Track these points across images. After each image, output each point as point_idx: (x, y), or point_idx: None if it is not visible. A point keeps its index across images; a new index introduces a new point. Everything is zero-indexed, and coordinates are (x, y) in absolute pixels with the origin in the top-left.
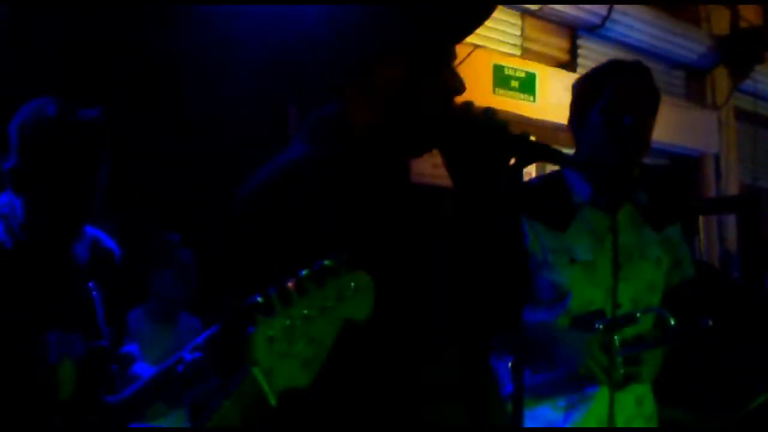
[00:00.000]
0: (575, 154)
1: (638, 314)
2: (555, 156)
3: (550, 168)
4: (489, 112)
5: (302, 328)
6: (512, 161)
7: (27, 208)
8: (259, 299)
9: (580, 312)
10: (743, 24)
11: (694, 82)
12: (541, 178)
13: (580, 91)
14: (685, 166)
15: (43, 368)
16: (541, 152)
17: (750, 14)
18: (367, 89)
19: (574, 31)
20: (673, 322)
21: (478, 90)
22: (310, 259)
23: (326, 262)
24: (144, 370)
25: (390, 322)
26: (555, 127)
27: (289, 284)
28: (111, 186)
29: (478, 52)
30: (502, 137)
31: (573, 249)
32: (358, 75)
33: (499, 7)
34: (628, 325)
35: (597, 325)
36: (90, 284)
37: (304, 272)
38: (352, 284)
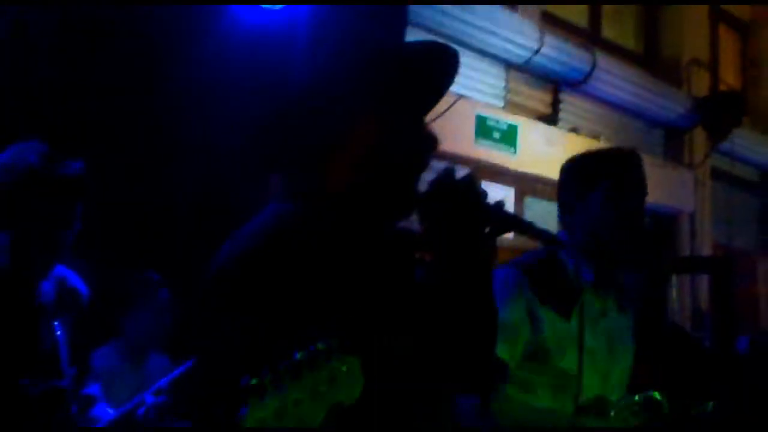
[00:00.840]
0: (570, 235)
1: (636, 398)
2: (531, 230)
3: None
4: (468, 180)
5: (293, 412)
6: (487, 230)
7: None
8: (253, 382)
9: (583, 399)
10: (722, 87)
11: (673, 142)
12: (535, 259)
13: (577, 173)
14: (662, 223)
15: None
16: (517, 225)
17: (729, 77)
18: (343, 151)
19: (557, 85)
20: (666, 407)
21: (461, 139)
22: (299, 332)
23: (319, 346)
24: (104, 412)
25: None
26: (535, 179)
27: (282, 368)
28: (86, 224)
29: (461, 101)
30: (480, 206)
31: (580, 336)
32: (333, 137)
33: (484, 59)
34: (630, 410)
35: (607, 410)
36: (55, 323)
37: (298, 355)
38: (344, 368)
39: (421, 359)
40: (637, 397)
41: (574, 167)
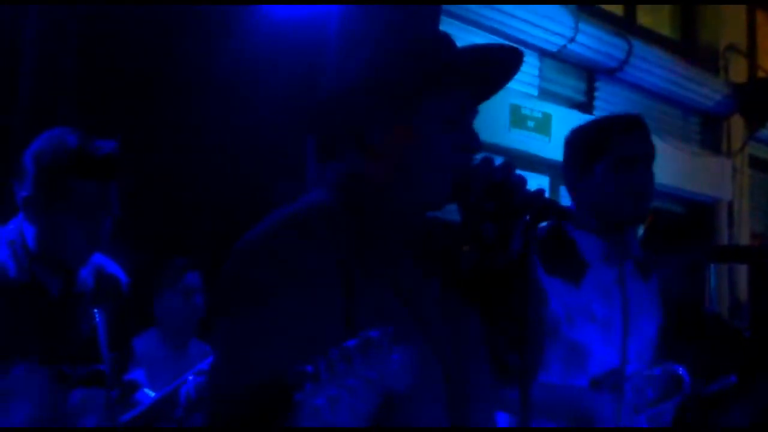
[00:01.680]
0: (576, 207)
1: (656, 372)
2: (568, 215)
3: None
4: (506, 168)
5: (347, 399)
6: (528, 217)
7: (40, 237)
8: (308, 368)
9: (598, 372)
10: (761, 74)
11: (710, 129)
12: (543, 232)
13: (581, 145)
14: (699, 212)
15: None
16: (555, 210)
17: (767, 64)
18: (386, 142)
19: (591, 73)
20: (687, 381)
21: (495, 128)
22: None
23: (372, 334)
24: (147, 397)
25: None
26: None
27: (335, 354)
28: (122, 212)
29: None
30: (518, 194)
31: (590, 306)
32: (377, 127)
33: (519, 46)
34: (645, 384)
35: (620, 383)
36: (94, 311)
37: (352, 343)
38: (395, 356)
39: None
40: (658, 371)
41: (577, 138)
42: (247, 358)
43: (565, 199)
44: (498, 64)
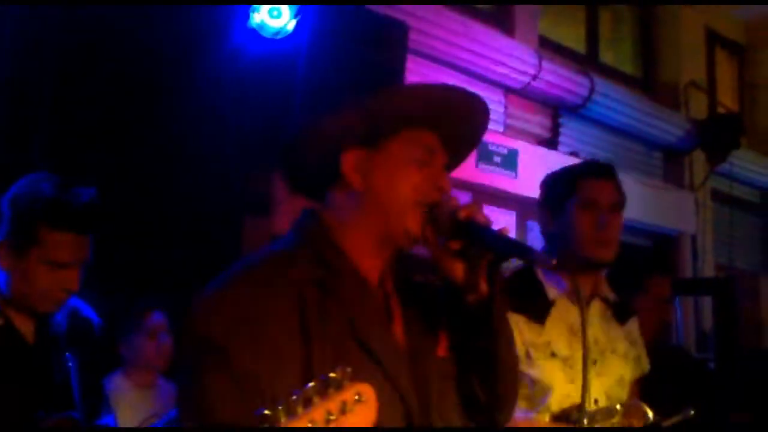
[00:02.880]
0: (547, 246)
1: (618, 407)
2: (532, 255)
3: None
4: (471, 208)
5: None
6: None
7: (12, 283)
8: (266, 412)
9: (559, 408)
10: (720, 109)
11: (672, 164)
12: (510, 272)
13: (553, 187)
14: (663, 245)
15: None
16: (519, 250)
17: (727, 100)
18: (355, 179)
19: (556, 109)
20: (650, 415)
21: (462, 164)
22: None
23: (331, 375)
24: None
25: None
26: (536, 203)
27: (295, 397)
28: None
29: None
30: (483, 234)
31: (552, 343)
32: (347, 165)
33: (483, 84)
34: (607, 418)
35: (581, 419)
36: (67, 354)
37: (310, 385)
38: (356, 397)
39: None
40: (619, 406)
41: (550, 181)
42: (203, 416)
43: (532, 234)
44: (456, 109)
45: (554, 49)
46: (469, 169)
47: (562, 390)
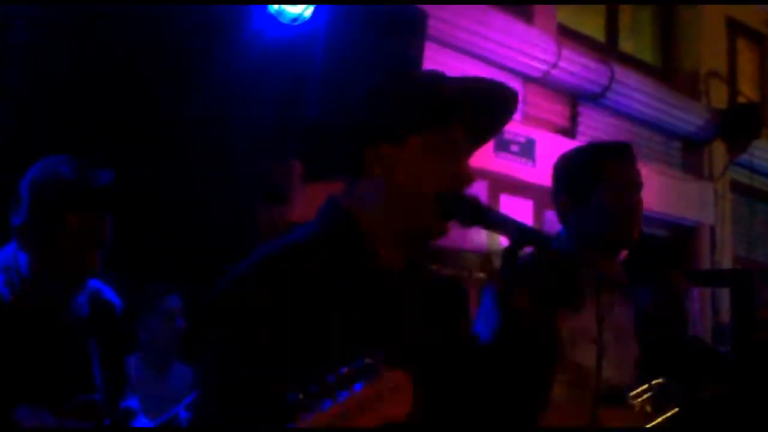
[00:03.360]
0: (567, 231)
1: (653, 384)
2: (549, 243)
3: None
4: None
5: (341, 427)
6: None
7: (33, 265)
8: (301, 396)
9: (601, 390)
10: (741, 99)
11: (692, 154)
12: (534, 259)
13: (573, 173)
14: (681, 236)
15: None
16: (536, 238)
17: (748, 89)
18: (378, 168)
19: (574, 99)
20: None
21: (480, 153)
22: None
23: (366, 360)
24: (143, 424)
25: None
26: (552, 190)
27: (330, 381)
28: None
29: None
30: (500, 223)
31: (590, 328)
32: (371, 154)
33: (502, 72)
34: (644, 397)
35: (627, 399)
36: (89, 337)
37: (345, 370)
38: (390, 384)
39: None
40: (647, 386)
41: (568, 166)
42: (225, 388)
43: (549, 224)
44: (489, 103)
45: (573, 37)
46: (487, 158)
47: (602, 373)
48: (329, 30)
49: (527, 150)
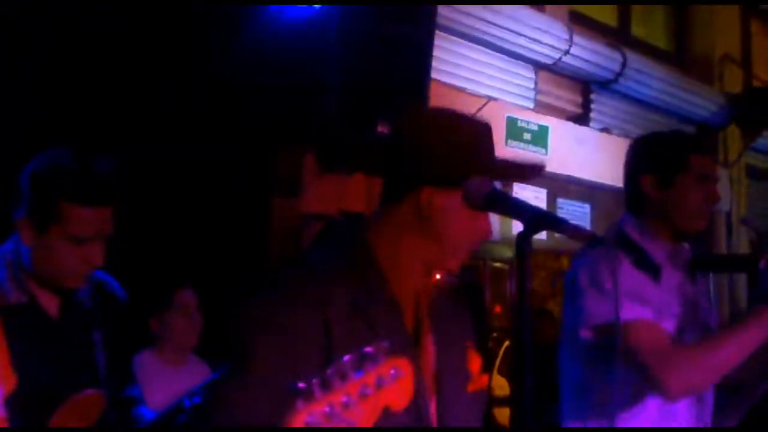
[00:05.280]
0: (639, 210)
1: None
2: (565, 226)
3: None
4: None
5: (341, 416)
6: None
7: (35, 259)
8: (300, 385)
9: None
10: (756, 83)
11: (706, 139)
12: (612, 236)
13: (659, 158)
14: None
15: None
16: (550, 222)
17: (763, 73)
18: (417, 212)
19: (587, 85)
20: None
21: None
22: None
23: (367, 349)
24: (144, 414)
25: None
26: (567, 180)
27: (330, 371)
28: (119, 231)
29: (491, 103)
30: (514, 207)
31: (672, 305)
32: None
33: (514, 60)
34: None
35: None
36: (93, 329)
37: (346, 358)
38: (392, 371)
39: None
40: None
41: (657, 146)
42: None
43: (561, 212)
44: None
45: (585, 23)
46: (499, 146)
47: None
48: (341, 21)
49: (540, 138)
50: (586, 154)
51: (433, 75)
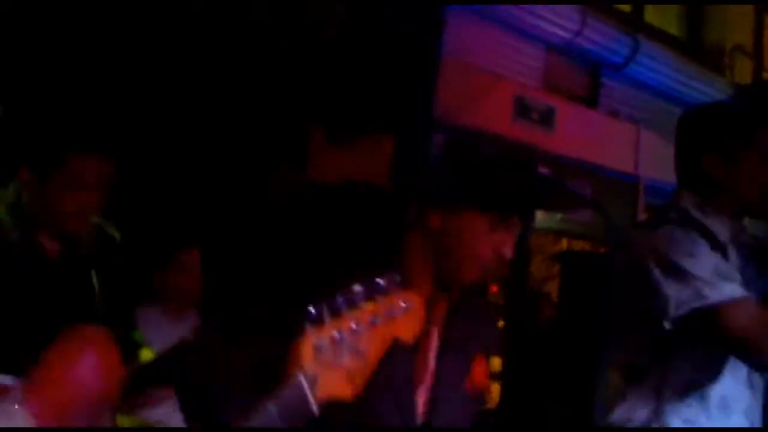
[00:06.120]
0: (702, 188)
1: None
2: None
3: None
4: None
5: (349, 341)
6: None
7: (36, 205)
8: (311, 309)
9: None
10: (766, 75)
11: None
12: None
13: (723, 131)
14: None
15: None
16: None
17: None
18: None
19: (597, 68)
20: None
21: (498, 120)
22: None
23: (378, 280)
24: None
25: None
26: (572, 161)
27: (341, 298)
28: (120, 187)
29: (500, 81)
30: None
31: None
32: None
33: (524, 39)
34: None
35: None
36: (91, 270)
37: (356, 287)
38: (403, 304)
39: None
40: None
41: (720, 121)
42: None
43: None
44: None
45: (598, 7)
46: (505, 124)
47: None
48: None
49: (547, 118)
50: (593, 137)
51: (444, 50)
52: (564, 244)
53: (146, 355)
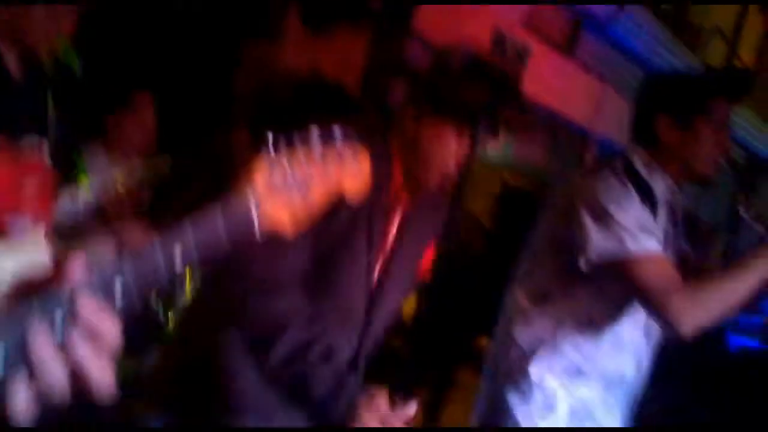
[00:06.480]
0: (651, 150)
1: None
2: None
3: None
4: None
5: (297, 174)
6: None
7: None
8: (268, 135)
9: None
10: (737, 63)
11: None
12: (616, 164)
13: (680, 97)
14: None
15: None
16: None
17: (746, 56)
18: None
19: (580, 21)
20: None
21: (474, 47)
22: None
23: (335, 128)
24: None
25: None
26: (540, 109)
27: (297, 134)
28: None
29: (483, 11)
30: None
31: (668, 233)
32: None
33: None
34: None
35: None
36: (47, 89)
37: (313, 128)
38: (353, 155)
39: None
40: None
41: (676, 86)
42: None
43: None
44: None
45: None
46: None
47: None
48: None
49: (521, 56)
50: (564, 87)
51: None
52: (505, 176)
53: (83, 180)
